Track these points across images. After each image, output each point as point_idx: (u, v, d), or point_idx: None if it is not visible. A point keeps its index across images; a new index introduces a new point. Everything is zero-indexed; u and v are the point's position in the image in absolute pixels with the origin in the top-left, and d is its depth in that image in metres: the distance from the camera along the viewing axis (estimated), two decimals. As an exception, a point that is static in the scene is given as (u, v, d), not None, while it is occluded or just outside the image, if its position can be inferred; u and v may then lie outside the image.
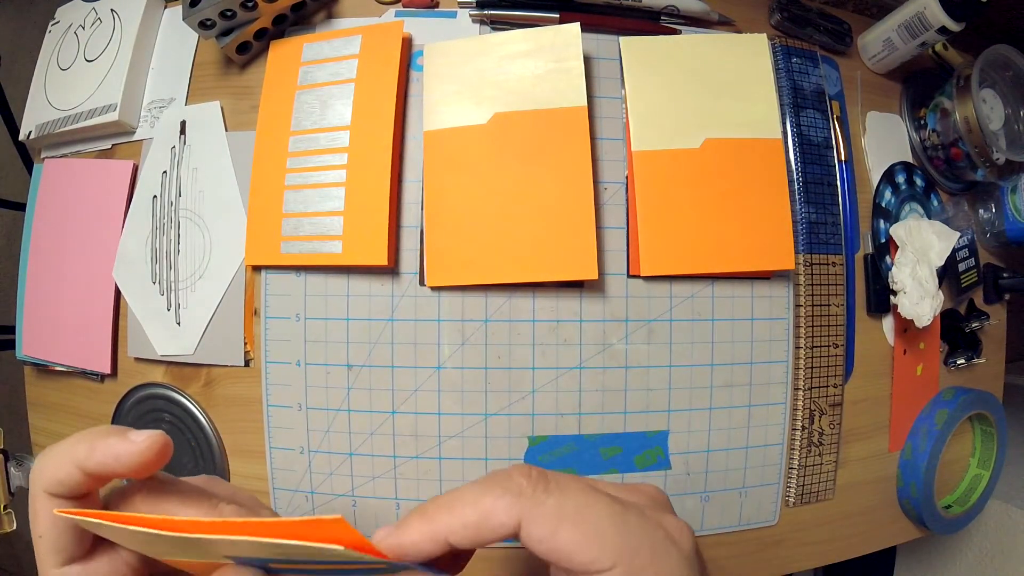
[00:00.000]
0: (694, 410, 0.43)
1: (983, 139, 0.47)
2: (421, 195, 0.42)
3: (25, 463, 0.48)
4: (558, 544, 0.18)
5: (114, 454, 0.19)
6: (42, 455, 0.20)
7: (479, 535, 0.18)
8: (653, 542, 0.19)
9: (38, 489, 0.20)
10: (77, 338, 0.46)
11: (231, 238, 0.43)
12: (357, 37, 0.43)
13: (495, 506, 0.18)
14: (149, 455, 0.19)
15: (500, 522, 0.18)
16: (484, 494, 0.18)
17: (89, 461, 0.19)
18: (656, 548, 0.18)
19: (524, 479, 0.18)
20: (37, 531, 0.20)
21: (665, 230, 0.41)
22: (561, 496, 0.18)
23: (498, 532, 0.18)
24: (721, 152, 0.42)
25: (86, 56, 0.48)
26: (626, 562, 0.18)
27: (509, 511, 0.18)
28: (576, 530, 0.18)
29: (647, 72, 0.43)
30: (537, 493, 0.18)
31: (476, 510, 0.18)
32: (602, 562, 0.18)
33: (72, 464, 0.19)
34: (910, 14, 0.46)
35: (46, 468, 0.19)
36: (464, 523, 0.18)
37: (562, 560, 0.18)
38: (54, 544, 0.20)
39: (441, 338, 0.42)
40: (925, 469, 0.48)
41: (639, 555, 0.18)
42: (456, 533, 0.18)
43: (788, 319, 0.44)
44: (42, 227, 0.49)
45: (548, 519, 0.18)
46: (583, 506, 0.18)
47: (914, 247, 0.47)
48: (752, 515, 0.45)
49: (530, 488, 0.18)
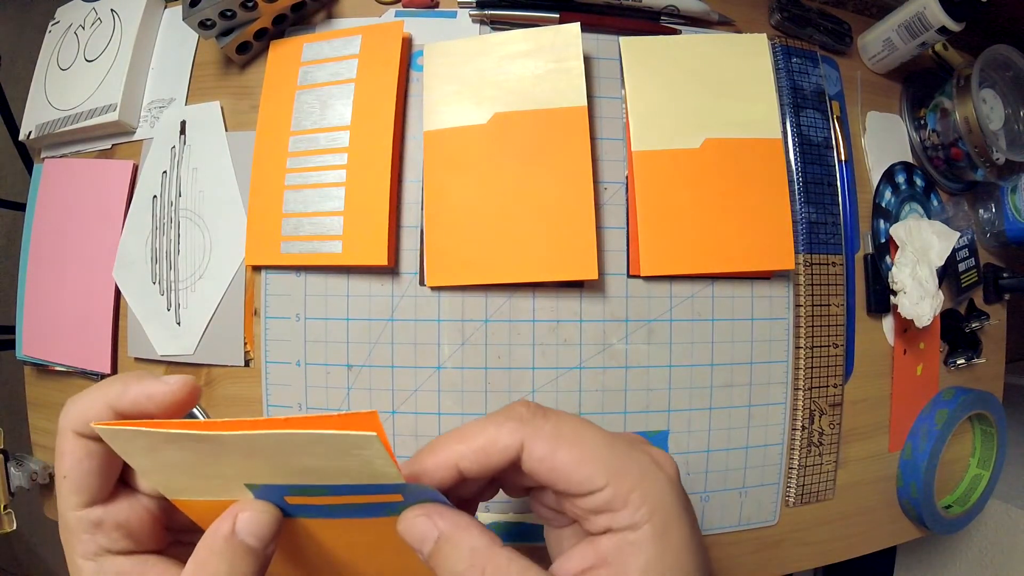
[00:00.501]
0: (694, 410, 0.43)
1: (983, 139, 0.47)
2: (421, 195, 0.42)
3: (25, 463, 0.48)
4: (556, 463, 0.19)
5: (147, 393, 0.20)
6: (72, 398, 0.21)
7: (487, 459, 0.20)
8: (640, 465, 0.20)
9: (66, 429, 0.20)
10: (77, 338, 0.46)
11: (231, 238, 0.43)
12: (357, 37, 0.43)
13: (500, 431, 0.20)
14: (181, 395, 0.20)
15: (505, 444, 0.20)
16: (489, 423, 0.20)
17: (122, 400, 0.20)
18: (644, 470, 0.20)
19: (525, 409, 0.21)
20: (62, 471, 0.20)
21: (665, 230, 0.41)
22: (558, 421, 0.20)
23: (504, 455, 0.20)
24: (721, 152, 0.42)
25: (86, 56, 0.48)
26: (616, 482, 0.19)
27: (513, 435, 0.20)
28: (572, 450, 0.20)
29: (647, 72, 0.43)
30: (536, 419, 0.20)
31: (483, 436, 0.20)
32: (596, 480, 0.19)
33: (104, 403, 0.20)
34: (910, 14, 0.46)
35: (76, 408, 0.20)
36: (473, 448, 0.20)
37: (560, 479, 0.20)
38: (78, 484, 0.20)
39: (441, 338, 0.42)
40: (925, 469, 0.48)
41: (628, 476, 0.19)
42: (466, 458, 0.20)
43: (788, 319, 0.44)
44: (42, 227, 0.49)
45: (547, 440, 0.20)
46: (578, 430, 0.20)
47: (914, 247, 0.47)
48: (752, 515, 0.45)
49: (530, 415, 0.20)
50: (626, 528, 0.19)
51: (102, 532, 0.20)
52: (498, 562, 0.19)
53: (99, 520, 0.20)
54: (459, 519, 0.19)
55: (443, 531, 0.19)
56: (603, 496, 0.19)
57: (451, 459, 0.20)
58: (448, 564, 0.19)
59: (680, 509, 0.20)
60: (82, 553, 0.20)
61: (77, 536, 0.20)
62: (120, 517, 0.21)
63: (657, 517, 0.19)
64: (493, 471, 0.20)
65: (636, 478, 0.20)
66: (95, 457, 0.20)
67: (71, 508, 0.20)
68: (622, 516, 0.19)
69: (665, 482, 0.20)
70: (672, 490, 0.20)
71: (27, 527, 0.47)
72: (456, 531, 0.19)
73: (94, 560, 0.20)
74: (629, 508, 0.19)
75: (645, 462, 0.20)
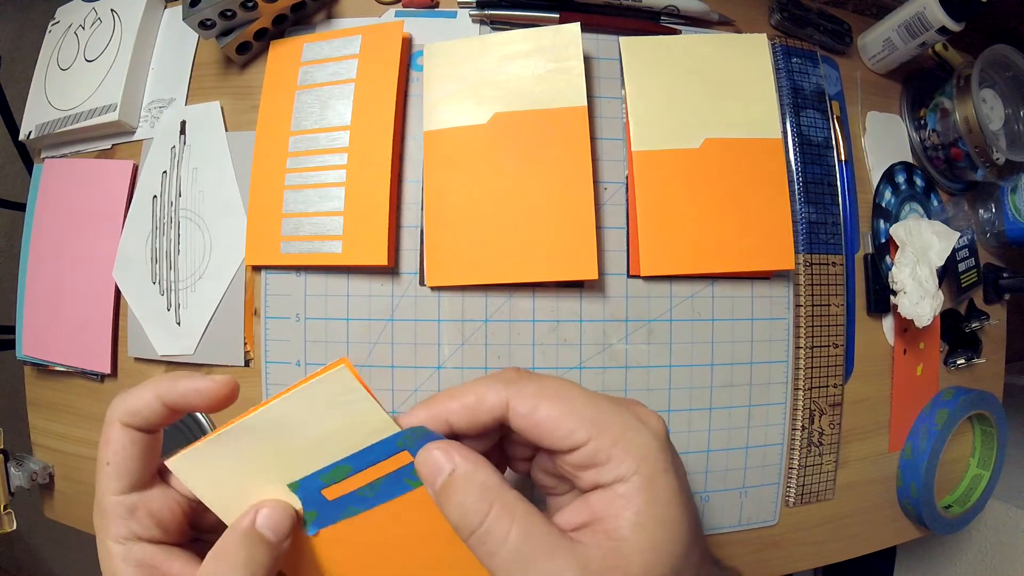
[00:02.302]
0: (694, 410, 0.43)
1: (983, 139, 0.47)
2: (421, 195, 0.42)
3: (25, 463, 0.48)
4: (539, 419, 0.20)
5: (195, 387, 0.22)
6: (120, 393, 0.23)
7: (475, 415, 0.21)
8: (622, 420, 0.21)
9: (114, 419, 0.22)
10: (77, 338, 0.46)
11: (231, 238, 0.43)
12: (357, 37, 0.43)
13: (487, 390, 0.21)
14: (226, 390, 0.23)
15: (492, 403, 0.21)
16: (479, 383, 0.22)
17: (172, 392, 0.22)
18: (626, 425, 0.20)
19: (513, 373, 0.22)
20: (105, 458, 0.22)
21: (665, 230, 0.41)
22: (542, 381, 0.21)
23: (490, 412, 0.21)
24: (721, 152, 0.42)
25: (86, 56, 0.48)
26: (599, 436, 0.20)
27: (499, 394, 0.21)
28: (553, 407, 0.20)
29: (647, 72, 0.43)
30: (522, 380, 0.22)
31: (472, 394, 0.21)
32: (578, 435, 0.20)
33: (154, 395, 0.22)
34: (910, 14, 0.46)
35: (126, 399, 0.22)
36: (462, 405, 0.21)
37: (544, 435, 0.20)
38: (119, 470, 0.22)
39: (441, 338, 0.42)
40: (925, 469, 0.48)
41: (609, 430, 0.20)
42: (455, 413, 0.21)
43: (788, 319, 0.44)
44: (42, 227, 0.49)
45: (529, 398, 0.21)
46: (560, 389, 0.21)
47: (914, 247, 0.47)
48: (752, 515, 0.45)
49: (516, 377, 0.22)
50: (613, 482, 0.20)
51: (135, 518, 0.22)
52: (506, 499, 0.20)
53: (134, 506, 0.22)
54: (473, 456, 0.21)
55: (458, 464, 0.20)
56: (587, 451, 0.20)
57: (442, 414, 0.22)
58: (459, 497, 0.20)
59: (666, 463, 0.20)
60: (114, 536, 0.22)
61: (112, 519, 0.22)
62: (153, 506, 0.23)
63: (643, 469, 0.20)
64: (481, 428, 0.22)
65: (618, 432, 0.20)
66: (138, 445, 0.22)
67: (110, 493, 0.22)
68: (608, 470, 0.20)
69: (649, 436, 0.21)
70: (656, 443, 0.20)
71: (27, 527, 0.47)
72: (470, 466, 0.20)
73: (124, 544, 0.22)
74: (613, 461, 0.20)
75: (627, 417, 0.21)
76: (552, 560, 0.19)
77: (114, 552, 0.22)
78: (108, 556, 0.22)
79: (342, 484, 0.22)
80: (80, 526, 0.48)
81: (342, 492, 0.22)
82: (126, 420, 0.22)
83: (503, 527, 0.19)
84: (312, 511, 0.23)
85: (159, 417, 0.23)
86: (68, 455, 0.49)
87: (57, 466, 0.49)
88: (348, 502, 0.22)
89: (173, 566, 0.22)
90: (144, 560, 0.22)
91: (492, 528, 0.19)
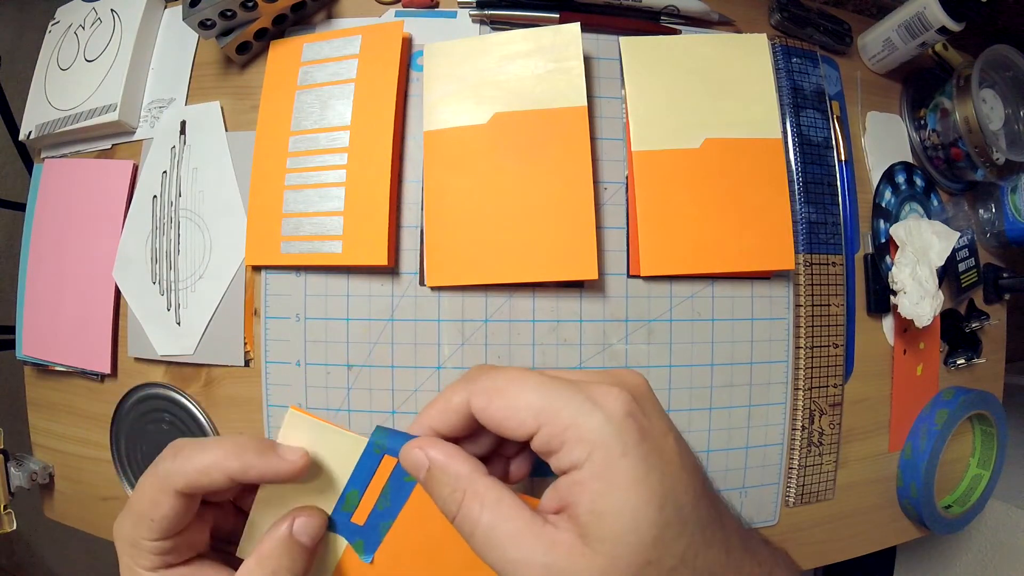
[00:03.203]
0: (694, 410, 0.43)
1: (983, 139, 0.47)
2: (421, 195, 0.42)
3: (25, 463, 0.48)
4: (492, 413, 0.21)
5: (275, 471, 0.23)
6: (182, 452, 0.23)
7: (447, 417, 0.23)
8: (573, 405, 0.20)
9: (169, 487, 0.22)
10: (77, 338, 0.46)
11: (231, 238, 0.43)
12: (357, 37, 0.43)
13: (452, 393, 0.23)
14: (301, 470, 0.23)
15: (456, 403, 0.23)
16: (448, 388, 0.23)
17: (246, 475, 0.22)
18: (576, 410, 0.20)
19: (475, 370, 0.23)
20: (147, 515, 0.22)
21: (665, 230, 0.41)
22: (496, 375, 0.22)
23: (458, 411, 0.23)
24: (721, 152, 0.42)
25: (86, 56, 0.48)
26: (549, 423, 0.20)
27: (460, 393, 0.23)
28: (503, 400, 0.21)
29: (647, 72, 0.43)
30: (479, 377, 0.23)
31: (441, 400, 0.23)
32: (527, 424, 0.21)
33: (223, 475, 0.22)
34: (910, 14, 0.46)
35: (187, 472, 0.22)
36: (435, 411, 0.23)
37: (500, 427, 0.21)
38: (161, 528, 0.22)
39: (441, 338, 0.42)
40: (925, 469, 0.48)
41: (559, 416, 0.20)
42: (434, 419, 0.23)
43: (788, 319, 0.44)
44: (42, 227, 0.49)
45: (483, 394, 0.22)
46: (511, 381, 0.22)
47: (914, 247, 0.47)
48: (752, 515, 0.44)
49: (476, 374, 0.23)
50: (571, 468, 0.20)
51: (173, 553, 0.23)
52: (477, 488, 0.21)
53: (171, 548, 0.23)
54: (448, 449, 0.22)
55: (433, 459, 0.22)
56: (540, 438, 0.21)
57: (425, 422, 0.23)
58: (436, 488, 0.21)
59: (626, 446, 0.19)
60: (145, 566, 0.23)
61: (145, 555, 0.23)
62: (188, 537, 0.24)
63: (596, 455, 0.19)
64: (458, 428, 0.23)
65: (568, 418, 0.20)
66: (189, 513, 0.23)
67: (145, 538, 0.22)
68: (562, 457, 0.20)
69: (600, 419, 0.20)
70: (610, 427, 0.20)
71: (27, 527, 0.47)
72: (443, 459, 0.21)
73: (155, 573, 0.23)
74: (565, 448, 0.20)
75: (578, 400, 0.20)
76: (518, 546, 0.19)
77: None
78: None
79: (361, 506, 0.24)
80: (80, 526, 0.48)
81: (366, 513, 0.24)
82: (185, 490, 0.22)
83: (474, 513, 0.20)
84: (358, 540, 0.24)
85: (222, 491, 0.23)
86: (68, 455, 0.49)
87: (57, 466, 0.49)
88: (377, 519, 0.24)
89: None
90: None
91: (466, 514, 0.20)
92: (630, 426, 0.20)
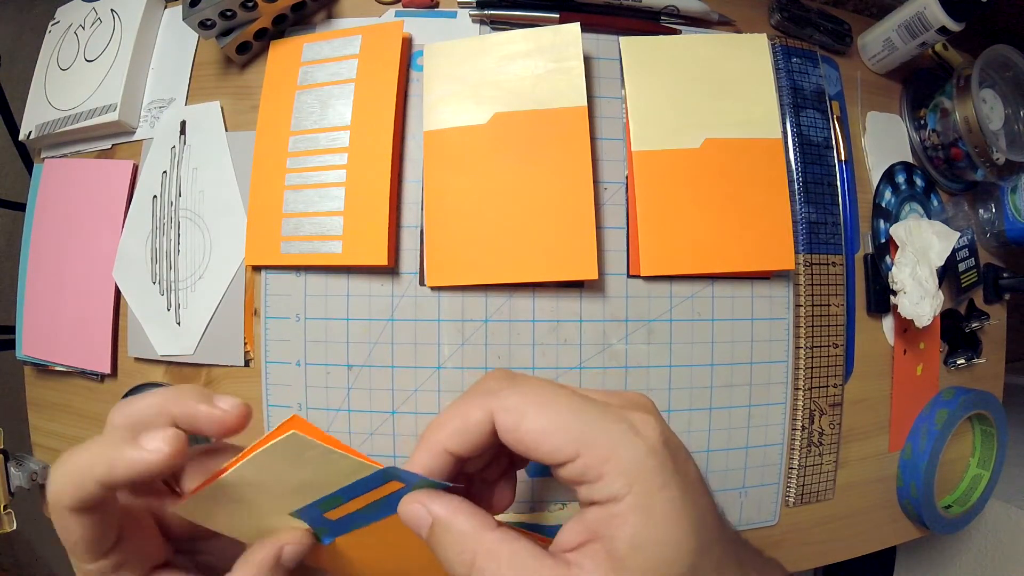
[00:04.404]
0: (694, 410, 0.43)
1: (983, 139, 0.47)
2: (421, 195, 0.42)
3: (25, 463, 0.48)
4: (522, 435, 0.19)
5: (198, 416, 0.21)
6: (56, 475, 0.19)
7: (467, 437, 0.20)
8: (612, 434, 0.19)
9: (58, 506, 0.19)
10: (77, 338, 0.46)
11: (231, 238, 0.43)
12: (357, 37, 0.43)
13: (470, 408, 0.20)
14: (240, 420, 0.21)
15: (477, 420, 0.20)
16: (462, 402, 0.21)
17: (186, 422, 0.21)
18: (617, 439, 0.19)
19: (494, 381, 0.21)
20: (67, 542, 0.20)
21: (665, 230, 0.41)
22: (525, 390, 0.20)
23: (480, 429, 0.20)
24: (721, 152, 0.42)
25: (86, 56, 0.48)
26: (588, 452, 0.19)
27: (482, 409, 0.20)
28: (537, 420, 0.19)
29: (647, 72, 0.43)
30: (503, 390, 0.20)
31: (457, 417, 0.20)
32: (564, 451, 0.19)
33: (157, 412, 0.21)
34: (910, 14, 0.46)
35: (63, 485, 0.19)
36: (451, 430, 0.20)
37: (530, 450, 0.19)
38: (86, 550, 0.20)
39: (441, 338, 0.42)
40: (925, 469, 0.48)
41: (599, 445, 0.19)
42: (450, 439, 0.20)
43: (788, 319, 0.44)
44: (42, 227, 0.49)
45: (512, 412, 0.19)
46: (544, 399, 0.20)
47: (914, 247, 0.47)
48: (752, 515, 0.44)
49: (497, 386, 0.20)
50: (608, 500, 0.18)
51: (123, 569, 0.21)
52: (488, 546, 0.19)
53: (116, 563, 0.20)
54: (451, 503, 0.20)
55: (436, 515, 0.19)
56: (577, 467, 0.19)
57: (438, 446, 0.20)
58: (441, 550, 0.19)
59: (664, 477, 0.19)
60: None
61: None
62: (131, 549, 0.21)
63: (638, 487, 0.18)
64: (480, 446, 0.20)
65: (608, 447, 0.19)
66: (97, 527, 0.19)
67: (86, 562, 0.20)
68: (599, 488, 0.19)
69: (643, 450, 0.19)
70: (652, 459, 0.19)
71: (27, 527, 0.47)
72: (447, 516, 0.19)
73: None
74: (605, 479, 0.18)
75: (619, 430, 0.19)
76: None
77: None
78: None
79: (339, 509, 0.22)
80: (80, 526, 0.48)
81: (343, 513, 0.22)
82: (72, 505, 0.19)
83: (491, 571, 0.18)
84: (322, 528, 0.23)
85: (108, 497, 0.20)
86: (68, 455, 0.49)
87: (57, 466, 0.49)
88: (350, 520, 0.22)
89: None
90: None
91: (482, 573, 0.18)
92: (667, 456, 0.19)
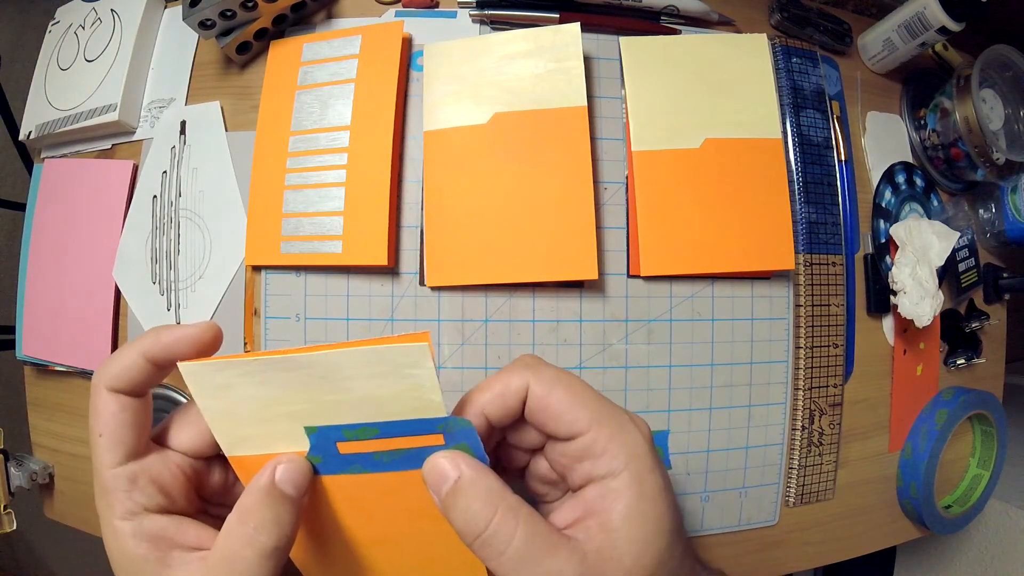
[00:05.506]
0: (694, 410, 0.43)
1: (983, 139, 0.47)
2: (421, 195, 0.42)
3: (25, 463, 0.48)
4: (551, 402, 0.22)
5: (180, 336, 0.22)
6: (106, 359, 0.22)
7: (505, 401, 0.23)
8: (619, 419, 0.23)
9: (100, 386, 0.22)
10: (77, 338, 0.46)
11: (231, 238, 0.43)
12: (357, 37, 0.43)
13: (511, 376, 0.23)
14: (210, 335, 0.23)
15: (516, 386, 0.23)
16: (503, 372, 0.23)
17: (156, 346, 0.22)
18: (622, 424, 0.22)
19: (531, 358, 0.24)
20: (97, 430, 0.21)
21: (665, 230, 0.41)
22: (558, 370, 0.24)
23: (516, 396, 0.23)
24: (721, 152, 0.42)
25: (86, 56, 0.48)
26: (597, 429, 0.22)
27: (521, 377, 0.23)
28: (565, 393, 0.22)
29: (647, 72, 0.43)
30: (539, 365, 0.24)
31: (499, 383, 0.23)
32: (580, 423, 0.22)
33: (138, 353, 0.22)
34: (910, 14, 0.46)
35: (110, 364, 0.22)
36: (493, 395, 0.23)
37: (551, 418, 0.22)
38: (113, 439, 0.21)
39: (441, 338, 0.42)
40: (925, 469, 0.48)
41: (608, 425, 0.22)
42: (489, 403, 0.23)
43: (788, 319, 0.44)
44: (42, 227, 0.49)
45: (546, 382, 0.23)
46: (571, 379, 0.23)
47: (914, 247, 0.47)
48: (752, 515, 0.44)
49: (534, 362, 0.24)
50: (606, 475, 0.22)
51: (138, 488, 0.21)
52: (510, 502, 0.21)
53: (135, 475, 0.21)
54: (478, 464, 0.21)
55: (463, 472, 0.21)
56: (585, 441, 0.22)
57: (478, 408, 0.23)
58: (464, 502, 0.20)
59: (653, 463, 0.22)
60: (120, 514, 0.21)
61: (114, 495, 0.21)
62: (154, 472, 0.22)
63: (633, 465, 0.21)
64: (512, 414, 0.23)
65: (615, 428, 0.22)
66: (128, 411, 0.22)
67: (107, 467, 0.21)
68: (601, 463, 0.22)
69: (640, 437, 0.22)
70: (645, 445, 0.22)
71: (27, 527, 0.47)
72: (475, 473, 0.21)
73: (132, 519, 0.21)
74: (607, 455, 0.22)
75: (624, 418, 0.23)
76: (555, 556, 0.20)
77: (123, 531, 0.21)
78: (117, 537, 0.21)
79: (361, 443, 0.22)
80: (80, 526, 0.48)
81: (356, 450, 0.22)
82: (113, 385, 0.21)
83: (508, 529, 0.20)
84: (317, 457, 0.22)
85: (146, 376, 0.22)
86: (68, 455, 0.49)
87: (57, 466, 0.49)
88: (357, 460, 0.22)
89: (187, 535, 0.22)
90: (155, 533, 0.21)
91: (498, 530, 0.20)
92: (652, 449, 0.23)
